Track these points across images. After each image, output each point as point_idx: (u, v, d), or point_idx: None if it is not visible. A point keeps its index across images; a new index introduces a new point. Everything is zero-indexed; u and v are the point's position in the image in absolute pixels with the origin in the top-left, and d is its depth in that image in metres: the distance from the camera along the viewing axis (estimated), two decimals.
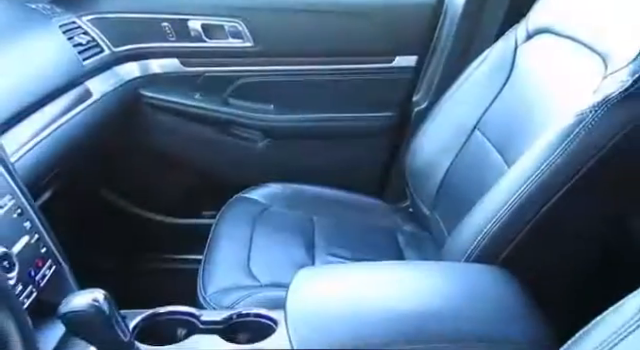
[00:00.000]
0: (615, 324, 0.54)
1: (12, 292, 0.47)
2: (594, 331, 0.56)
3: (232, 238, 1.17)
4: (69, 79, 1.15)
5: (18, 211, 0.77)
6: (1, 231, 0.72)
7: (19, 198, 0.79)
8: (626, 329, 0.53)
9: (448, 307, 0.71)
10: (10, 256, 0.71)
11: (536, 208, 0.81)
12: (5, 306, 0.45)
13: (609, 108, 0.76)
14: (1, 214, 0.74)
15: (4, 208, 0.75)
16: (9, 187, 0.78)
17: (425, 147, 1.29)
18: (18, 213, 0.77)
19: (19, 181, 0.81)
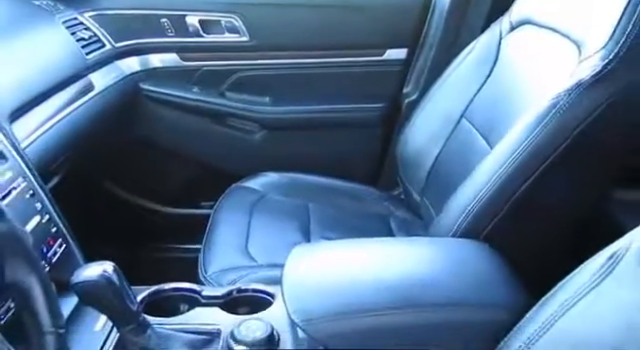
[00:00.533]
0: (575, 286, 0.60)
1: (32, 250, 0.52)
2: (558, 293, 0.62)
3: (231, 223, 1.22)
4: (73, 72, 1.20)
5: (30, 192, 0.82)
6: (15, 210, 0.77)
7: (31, 181, 0.84)
8: (584, 290, 0.58)
9: (433, 277, 0.76)
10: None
11: (515, 186, 0.86)
12: (25, 262, 0.50)
13: (582, 91, 0.81)
14: (14, 195, 0.79)
15: (17, 189, 0.80)
16: (21, 170, 0.83)
17: (415, 136, 1.34)
18: (30, 194, 0.82)
19: (30, 165, 0.86)
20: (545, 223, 0.88)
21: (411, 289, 0.73)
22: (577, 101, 0.82)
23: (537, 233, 0.89)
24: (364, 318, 0.70)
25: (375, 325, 0.71)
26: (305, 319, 0.70)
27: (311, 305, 0.71)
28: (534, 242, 0.89)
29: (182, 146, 1.55)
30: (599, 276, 0.58)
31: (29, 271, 0.50)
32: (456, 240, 0.87)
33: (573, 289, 0.61)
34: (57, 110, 1.12)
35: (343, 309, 0.71)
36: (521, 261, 0.82)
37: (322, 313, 0.70)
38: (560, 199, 0.87)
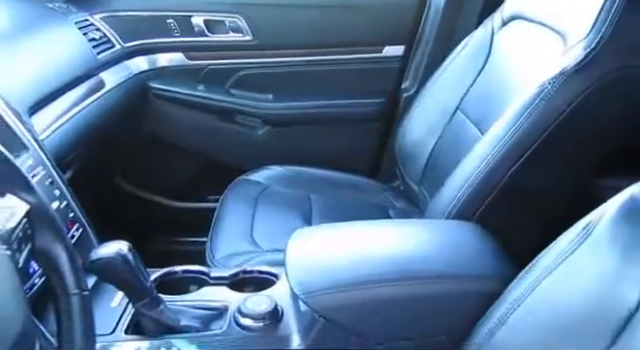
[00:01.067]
0: (554, 253, 0.65)
1: (59, 221, 0.57)
2: (540, 260, 0.68)
3: (236, 213, 1.27)
4: (85, 70, 1.26)
5: (49, 180, 0.88)
6: None
7: (49, 169, 0.90)
8: (562, 256, 0.64)
9: (427, 252, 0.82)
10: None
11: (504, 170, 0.91)
12: (53, 232, 0.55)
13: (565, 79, 0.87)
14: (35, 181, 0.84)
15: (38, 176, 0.85)
16: (41, 160, 0.89)
17: (413, 129, 1.40)
18: (49, 182, 0.88)
19: (48, 155, 0.92)
20: (534, 205, 0.93)
21: (406, 263, 0.78)
22: (561, 89, 0.87)
23: (526, 215, 0.94)
24: (362, 290, 0.76)
25: (372, 297, 0.76)
26: (306, 292, 0.75)
27: (312, 279, 0.77)
28: (523, 223, 0.93)
29: (188, 142, 1.61)
30: (575, 243, 0.64)
31: (56, 240, 0.55)
32: (449, 221, 0.92)
33: (553, 256, 0.66)
34: (70, 106, 1.18)
35: (342, 282, 0.76)
36: (511, 242, 0.87)
37: (322, 286, 0.76)
38: (547, 182, 0.92)
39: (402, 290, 0.76)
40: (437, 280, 0.77)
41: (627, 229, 0.60)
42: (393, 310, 0.76)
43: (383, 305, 0.76)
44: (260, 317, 0.81)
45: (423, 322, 0.77)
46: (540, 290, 0.65)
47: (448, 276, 0.77)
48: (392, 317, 0.76)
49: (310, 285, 0.76)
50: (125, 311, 0.83)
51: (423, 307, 0.76)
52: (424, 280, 0.76)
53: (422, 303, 0.76)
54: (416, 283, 0.76)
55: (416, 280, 0.76)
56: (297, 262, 0.79)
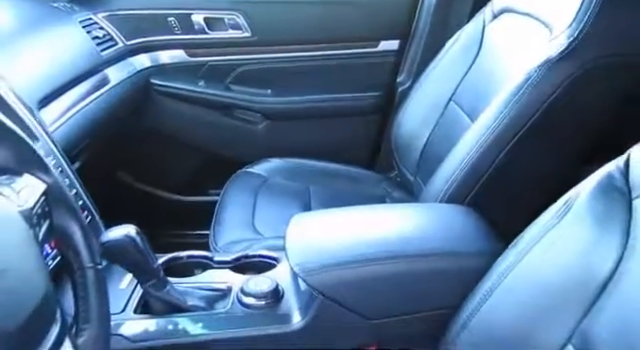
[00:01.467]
0: (537, 228, 0.70)
1: (73, 200, 0.61)
2: (524, 235, 0.72)
3: (238, 204, 1.31)
4: (90, 67, 1.30)
5: (59, 169, 0.92)
6: None
7: (59, 159, 0.94)
8: (544, 230, 0.68)
9: (420, 231, 0.86)
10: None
11: (494, 155, 0.95)
12: (68, 210, 0.59)
13: (550, 67, 0.91)
14: None
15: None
16: (51, 150, 0.93)
17: (408, 121, 1.43)
18: (59, 171, 0.92)
19: (57, 146, 0.96)
20: (523, 188, 0.97)
21: (400, 242, 0.82)
22: (546, 76, 0.91)
23: (515, 198, 0.98)
24: (358, 268, 0.80)
25: (368, 275, 0.80)
26: (305, 271, 0.79)
27: (310, 258, 0.81)
28: (512, 206, 0.97)
29: (190, 136, 1.65)
30: (556, 218, 0.68)
31: (71, 218, 0.60)
32: (441, 204, 0.97)
33: (535, 231, 0.70)
34: (76, 101, 1.22)
35: (339, 261, 0.80)
36: (501, 224, 0.90)
37: (320, 265, 0.80)
38: (535, 166, 0.96)
39: (396, 267, 0.80)
40: (429, 257, 0.81)
41: (603, 203, 0.64)
42: (388, 287, 0.80)
43: (378, 282, 0.80)
44: (262, 296, 0.85)
45: (417, 298, 0.81)
46: (523, 263, 0.69)
47: (440, 254, 0.81)
48: (387, 293, 0.80)
49: (309, 264, 0.80)
50: (134, 292, 0.87)
51: (416, 283, 0.80)
52: (417, 258, 0.80)
53: (415, 279, 0.80)
54: (409, 260, 0.80)
55: (409, 258, 0.80)
56: (296, 243, 0.83)
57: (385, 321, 0.81)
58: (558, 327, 0.63)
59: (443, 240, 0.83)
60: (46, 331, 0.47)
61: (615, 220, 0.62)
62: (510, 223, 0.95)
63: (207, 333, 0.81)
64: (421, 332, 0.81)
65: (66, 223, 0.59)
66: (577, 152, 0.96)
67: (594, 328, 0.60)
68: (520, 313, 0.67)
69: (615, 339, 0.57)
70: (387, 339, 0.83)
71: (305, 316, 0.82)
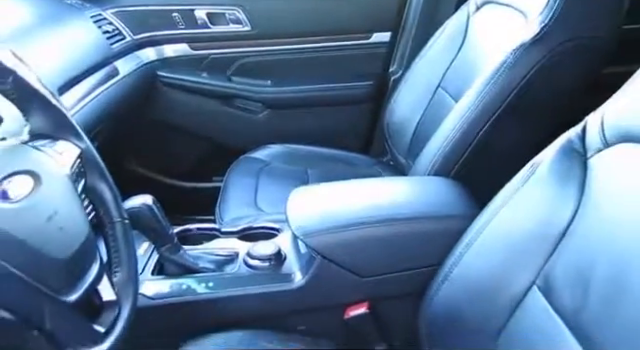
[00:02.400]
0: (506, 191, 0.79)
1: (100, 161, 0.70)
2: (500, 194, 0.81)
3: (241, 185, 1.41)
4: (101, 59, 1.40)
5: None
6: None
7: None
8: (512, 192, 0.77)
9: (407, 199, 0.95)
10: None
11: (475, 132, 1.05)
12: (99, 172, 0.69)
13: (524, 51, 1.00)
14: None
15: None
16: None
17: (399, 108, 1.53)
18: None
19: None
20: (503, 162, 1.06)
21: (390, 207, 0.91)
22: (520, 58, 1.00)
23: (496, 171, 1.06)
24: (352, 231, 0.89)
25: (361, 236, 0.89)
26: (305, 234, 0.89)
27: (310, 223, 0.90)
28: (493, 178, 1.06)
29: (194, 125, 1.74)
30: (524, 179, 0.77)
31: (101, 179, 0.69)
32: (428, 177, 1.06)
33: (507, 191, 0.80)
34: (89, 90, 1.31)
35: (335, 225, 0.89)
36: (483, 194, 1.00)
37: (319, 228, 0.89)
38: (513, 141, 1.05)
39: (386, 230, 0.89)
40: (416, 221, 0.90)
41: (564, 163, 0.73)
42: (379, 247, 0.89)
43: (370, 243, 0.89)
44: (266, 259, 0.94)
45: (404, 257, 0.90)
46: (496, 220, 0.78)
47: (425, 217, 0.91)
48: (378, 253, 0.89)
49: (308, 228, 0.89)
50: (151, 257, 0.96)
51: (404, 244, 0.89)
52: (404, 221, 0.90)
53: (403, 241, 0.89)
54: (397, 224, 0.89)
55: (397, 221, 0.89)
56: (297, 210, 0.93)
57: (376, 279, 0.90)
58: (525, 271, 0.72)
59: (428, 205, 0.93)
60: (89, 266, 0.56)
61: (572, 177, 0.71)
62: (491, 192, 1.05)
63: (217, 291, 0.90)
64: (409, 288, 0.90)
65: (97, 183, 0.68)
66: (550, 127, 1.05)
67: (554, 270, 0.69)
68: (493, 262, 0.77)
69: (570, 277, 0.66)
70: (378, 295, 0.92)
71: (305, 275, 0.91)
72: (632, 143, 0.64)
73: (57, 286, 0.51)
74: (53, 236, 0.52)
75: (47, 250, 0.50)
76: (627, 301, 0.57)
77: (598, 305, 0.60)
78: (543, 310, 0.69)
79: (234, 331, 0.88)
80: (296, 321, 0.92)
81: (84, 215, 0.59)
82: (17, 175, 0.53)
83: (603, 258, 0.62)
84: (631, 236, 0.60)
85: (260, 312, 0.92)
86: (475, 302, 0.78)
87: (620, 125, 0.67)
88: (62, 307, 0.50)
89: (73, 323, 0.52)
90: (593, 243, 0.65)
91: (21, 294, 0.47)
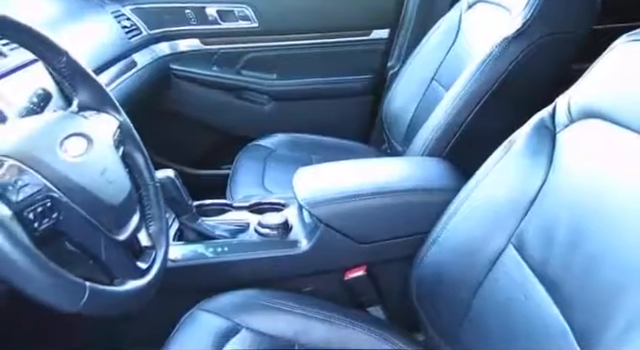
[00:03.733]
0: (487, 165, 0.90)
1: (135, 132, 0.80)
2: (482, 167, 0.92)
3: (249, 169, 1.52)
4: (121, 52, 1.50)
5: None
6: None
7: None
8: (495, 162, 0.88)
9: (401, 174, 1.06)
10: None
11: (464, 117, 1.16)
12: (135, 143, 0.80)
13: (507, 44, 1.11)
14: None
15: None
16: None
17: (397, 99, 1.64)
18: None
19: None
20: (488, 143, 1.17)
21: (385, 181, 1.03)
22: (504, 51, 1.11)
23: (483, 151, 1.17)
24: (352, 202, 1.00)
25: (360, 206, 1.00)
26: (310, 204, 1.00)
27: (314, 194, 1.01)
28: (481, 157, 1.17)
29: (204, 116, 1.85)
30: (502, 154, 0.88)
31: (136, 148, 0.80)
32: (421, 157, 1.17)
33: (488, 164, 0.91)
34: (110, 80, 1.41)
35: (337, 196, 1.00)
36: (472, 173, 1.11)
37: (322, 199, 1.00)
38: (497, 125, 1.14)
39: (382, 201, 1.00)
40: (409, 192, 1.01)
41: (536, 138, 0.84)
42: (375, 216, 1.00)
43: (368, 212, 1.00)
44: (275, 227, 1.05)
45: (398, 225, 1.01)
46: (478, 189, 0.89)
47: (417, 189, 1.02)
48: (375, 222, 1.00)
49: (313, 199, 1.01)
50: (172, 225, 1.07)
51: (398, 213, 1.01)
52: (398, 193, 1.01)
53: (397, 210, 1.00)
54: (393, 195, 1.00)
55: (392, 193, 1.00)
56: (302, 183, 1.04)
57: (373, 245, 1.01)
58: (501, 232, 0.83)
59: (419, 180, 1.04)
60: (132, 214, 0.67)
61: (543, 150, 0.82)
62: (478, 170, 1.16)
63: (231, 255, 1.01)
64: (402, 253, 1.00)
65: (133, 151, 0.79)
66: (530, 112, 1.16)
67: (526, 230, 0.80)
68: (474, 226, 0.87)
69: (539, 234, 0.77)
70: (374, 259, 1.03)
71: (310, 241, 1.02)
72: (593, 118, 0.75)
73: (110, 226, 0.61)
74: (105, 187, 0.63)
75: (102, 196, 0.61)
76: (583, 246, 0.68)
77: (560, 253, 0.71)
78: (516, 264, 0.80)
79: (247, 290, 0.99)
80: (302, 283, 1.03)
81: (126, 174, 0.70)
82: (74, 136, 0.64)
83: (566, 215, 0.73)
84: (589, 195, 0.71)
85: (270, 274, 1.03)
86: (458, 261, 0.89)
87: (583, 103, 0.78)
88: (113, 243, 0.61)
89: (121, 258, 0.63)
90: (559, 203, 0.76)
91: (83, 229, 0.58)
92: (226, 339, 0.89)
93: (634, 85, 0.71)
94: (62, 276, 0.51)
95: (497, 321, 0.79)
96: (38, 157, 0.56)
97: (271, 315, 0.94)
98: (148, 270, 0.67)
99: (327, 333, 0.94)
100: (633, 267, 0.60)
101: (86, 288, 0.53)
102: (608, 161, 0.70)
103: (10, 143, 0.57)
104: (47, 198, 0.54)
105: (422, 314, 0.94)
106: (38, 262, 0.49)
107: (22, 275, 0.48)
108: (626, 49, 0.75)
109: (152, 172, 0.80)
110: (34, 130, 0.61)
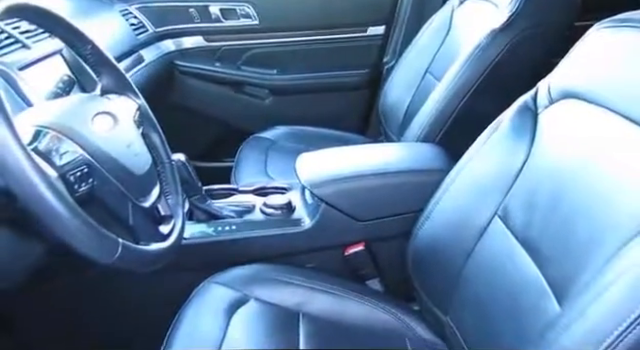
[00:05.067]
0: (475, 146, 0.97)
1: (152, 115, 0.88)
2: (472, 147, 0.99)
3: (252, 159, 1.59)
4: (129, 48, 1.58)
5: None
6: None
7: None
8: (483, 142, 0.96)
9: (397, 157, 1.14)
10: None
11: (455, 105, 1.24)
12: (149, 121, 0.87)
13: (495, 35, 1.20)
14: None
15: None
16: None
17: (392, 92, 1.71)
18: None
19: None
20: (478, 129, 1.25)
21: (382, 163, 1.10)
22: (492, 42, 1.20)
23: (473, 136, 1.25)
24: (351, 182, 1.07)
25: (359, 186, 1.07)
26: (312, 184, 1.07)
27: (316, 175, 1.08)
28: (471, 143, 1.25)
29: (207, 109, 1.93)
30: (489, 134, 0.96)
31: (153, 129, 0.87)
32: (415, 143, 1.25)
33: (475, 146, 0.98)
34: None
35: (337, 176, 1.08)
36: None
37: (323, 179, 1.08)
38: (488, 112, 1.22)
39: (379, 181, 1.08)
40: (404, 173, 1.09)
41: (520, 119, 0.92)
42: (373, 195, 1.08)
43: (366, 192, 1.08)
44: (279, 207, 1.12)
45: (394, 203, 1.08)
46: (468, 166, 0.97)
47: (412, 170, 1.10)
48: (372, 201, 1.08)
49: (315, 180, 1.08)
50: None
51: (394, 193, 1.08)
52: (395, 174, 1.09)
53: (393, 190, 1.08)
54: (389, 176, 1.08)
55: (389, 174, 1.08)
56: (305, 166, 1.11)
57: (371, 222, 1.09)
58: (489, 205, 0.90)
59: (414, 162, 1.12)
60: (153, 186, 0.75)
61: (526, 129, 0.90)
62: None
63: (239, 233, 1.09)
64: (398, 229, 1.08)
65: (150, 132, 0.87)
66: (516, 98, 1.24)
67: (511, 202, 0.87)
68: (464, 201, 0.95)
69: (522, 205, 0.85)
70: (373, 236, 1.10)
71: (312, 220, 1.09)
72: (570, 98, 0.83)
73: (136, 194, 0.68)
74: (131, 158, 0.70)
75: (129, 167, 0.68)
76: (560, 209, 0.75)
77: (540, 218, 0.79)
78: (502, 233, 0.87)
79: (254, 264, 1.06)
80: (305, 259, 1.10)
81: (147, 150, 0.77)
82: (101, 115, 0.71)
83: (546, 184, 0.81)
84: (566, 165, 0.78)
85: (275, 251, 1.10)
86: (450, 234, 0.96)
87: (561, 85, 0.86)
88: (139, 209, 0.68)
89: (146, 223, 0.70)
90: (540, 175, 0.83)
91: (114, 195, 0.65)
92: (236, 308, 0.96)
93: (605, 68, 0.79)
94: (100, 232, 0.58)
95: (484, 284, 0.87)
96: (74, 129, 0.63)
97: (277, 287, 1.01)
98: (169, 235, 0.74)
99: (328, 303, 1.01)
100: (601, 225, 0.67)
101: (119, 244, 0.60)
102: (583, 135, 0.78)
103: (49, 117, 0.64)
104: (84, 165, 0.61)
105: (417, 284, 1.02)
106: (81, 218, 0.56)
107: (67, 229, 0.55)
108: (598, 36, 0.83)
109: (168, 151, 0.88)
110: (67, 107, 0.69)
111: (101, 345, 1.04)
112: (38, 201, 0.52)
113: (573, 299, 0.65)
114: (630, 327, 0.51)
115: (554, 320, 0.65)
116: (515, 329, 0.73)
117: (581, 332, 0.56)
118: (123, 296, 1.06)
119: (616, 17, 0.80)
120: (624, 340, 0.51)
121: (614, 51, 0.78)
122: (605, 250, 0.64)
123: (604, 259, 0.64)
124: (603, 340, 0.52)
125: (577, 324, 0.57)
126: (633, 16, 0.76)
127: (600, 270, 0.61)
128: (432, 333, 0.98)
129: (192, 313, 0.95)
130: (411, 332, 0.98)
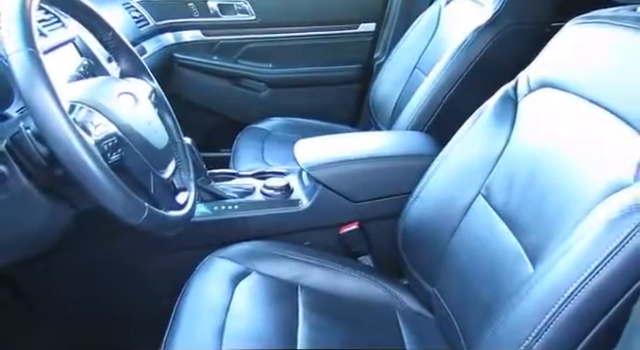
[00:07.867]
0: (466, 124, 1.05)
1: (165, 97, 0.95)
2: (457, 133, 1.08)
3: (249, 146, 1.67)
4: (132, 40, 1.63)
5: None
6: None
7: None
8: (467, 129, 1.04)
9: (389, 143, 1.23)
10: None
11: (442, 97, 1.33)
12: (163, 104, 0.94)
13: (479, 32, 1.29)
14: None
15: None
16: None
17: (382, 86, 1.80)
18: None
19: None
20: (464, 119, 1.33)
21: (375, 148, 1.19)
22: (476, 38, 1.29)
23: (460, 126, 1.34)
24: (346, 165, 1.16)
25: (353, 169, 1.16)
26: (309, 167, 1.15)
27: (313, 158, 1.17)
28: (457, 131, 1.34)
29: (205, 101, 2.00)
30: (472, 122, 1.05)
31: (165, 111, 0.94)
32: (405, 131, 1.33)
33: (460, 132, 1.07)
34: None
35: (333, 160, 1.16)
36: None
37: (320, 162, 1.16)
38: (471, 102, 1.31)
39: (372, 165, 1.16)
40: (395, 158, 1.17)
41: (501, 107, 1.01)
42: (367, 178, 1.16)
43: (360, 175, 1.16)
44: (279, 189, 1.20)
45: (387, 186, 1.16)
46: (454, 150, 1.06)
47: (402, 155, 1.18)
48: (366, 183, 1.16)
49: (312, 162, 1.16)
50: None
51: (386, 176, 1.17)
52: (386, 158, 1.17)
53: (385, 173, 1.16)
54: (381, 160, 1.17)
55: (381, 158, 1.17)
56: (303, 150, 1.20)
57: (365, 203, 1.17)
58: (472, 186, 0.99)
59: (405, 148, 1.21)
60: (170, 160, 0.82)
61: (506, 116, 0.99)
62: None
63: (241, 212, 1.16)
64: (390, 210, 1.16)
65: (164, 113, 0.94)
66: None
67: (493, 182, 0.96)
68: (450, 182, 1.03)
69: (503, 183, 0.93)
70: (366, 217, 1.18)
71: (309, 201, 1.17)
72: (547, 87, 0.92)
73: (157, 165, 0.76)
74: (152, 134, 0.77)
75: (151, 141, 0.75)
76: (537, 183, 0.84)
77: (519, 192, 0.88)
78: (484, 210, 0.96)
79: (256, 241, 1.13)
80: (302, 237, 1.18)
81: (163, 128, 0.84)
82: (124, 94, 0.78)
83: (525, 163, 0.90)
84: (543, 145, 0.87)
85: (274, 229, 1.17)
86: (437, 212, 1.04)
87: (539, 75, 0.95)
88: (160, 180, 0.76)
89: (165, 192, 0.77)
90: (519, 156, 0.92)
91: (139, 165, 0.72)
92: (238, 280, 1.04)
93: (577, 59, 0.88)
94: (131, 195, 0.65)
95: (467, 256, 0.95)
96: (104, 105, 0.71)
97: (277, 261, 1.09)
98: (184, 205, 0.82)
99: (324, 277, 1.09)
100: (570, 197, 0.76)
101: (146, 208, 0.67)
102: (558, 119, 0.87)
103: (79, 94, 0.71)
104: (114, 136, 0.69)
105: (406, 259, 1.10)
106: (115, 182, 0.63)
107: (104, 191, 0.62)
108: (572, 31, 0.93)
109: (180, 132, 0.95)
110: (95, 87, 0.76)
111: (113, 313, 1.11)
112: (80, 165, 0.59)
113: (545, 259, 0.74)
114: (592, 274, 0.59)
115: (527, 278, 0.74)
116: (494, 290, 0.81)
117: (550, 283, 0.65)
118: (135, 270, 1.13)
119: (587, 14, 0.89)
120: (586, 286, 0.60)
121: (584, 44, 0.87)
122: (573, 218, 0.72)
123: (572, 225, 0.73)
124: (569, 286, 0.60)
125: (546, 277, 0.66)
126: (601, 13, 0.85)
127: (568, 234, 0.70)
128: (420, 304, 1.07)
129: (199, 282, 1.02)
130: (400, 304, 1.07)
